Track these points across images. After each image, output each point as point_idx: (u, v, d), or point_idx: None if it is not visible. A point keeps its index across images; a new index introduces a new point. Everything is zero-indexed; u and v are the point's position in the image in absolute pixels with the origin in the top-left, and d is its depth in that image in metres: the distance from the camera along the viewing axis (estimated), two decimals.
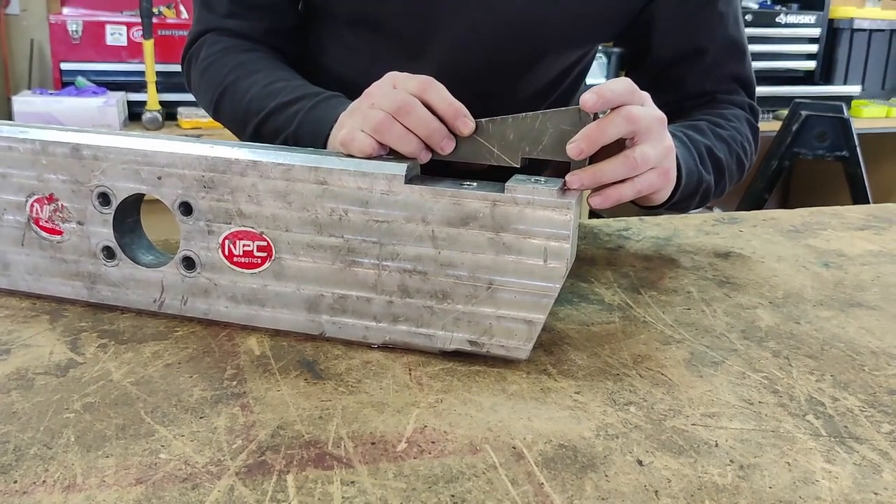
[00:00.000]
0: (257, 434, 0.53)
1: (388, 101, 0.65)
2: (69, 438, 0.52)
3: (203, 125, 2.44)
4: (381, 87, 0.69)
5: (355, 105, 0.73)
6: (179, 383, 0.60)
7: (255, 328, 0.69)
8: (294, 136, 0.82)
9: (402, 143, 0.64)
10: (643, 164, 0.67)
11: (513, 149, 0.64)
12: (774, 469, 0.52)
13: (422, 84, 0.65)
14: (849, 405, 0.61)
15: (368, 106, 0.67)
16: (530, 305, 0.62)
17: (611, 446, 0.53)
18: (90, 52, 2.50)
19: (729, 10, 0.95)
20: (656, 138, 0.69)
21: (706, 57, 0.94)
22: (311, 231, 0.65)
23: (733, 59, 0.96)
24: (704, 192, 0.87)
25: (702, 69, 0.95)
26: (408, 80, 0.66)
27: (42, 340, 0.66)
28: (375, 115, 0.65)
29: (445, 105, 0.64)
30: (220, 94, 0.92)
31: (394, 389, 0.60)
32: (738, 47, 0.96)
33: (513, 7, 0.89)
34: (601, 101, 0.63)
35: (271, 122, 0.85)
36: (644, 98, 0.69)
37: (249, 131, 0.88)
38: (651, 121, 0.68)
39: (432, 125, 0.64)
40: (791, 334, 0.73)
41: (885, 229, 1.10)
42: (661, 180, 0.71)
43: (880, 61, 3.22)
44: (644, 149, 0.67)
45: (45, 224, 0.71)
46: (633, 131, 0.66)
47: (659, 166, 0.70)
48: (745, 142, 0.93)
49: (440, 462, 0.51)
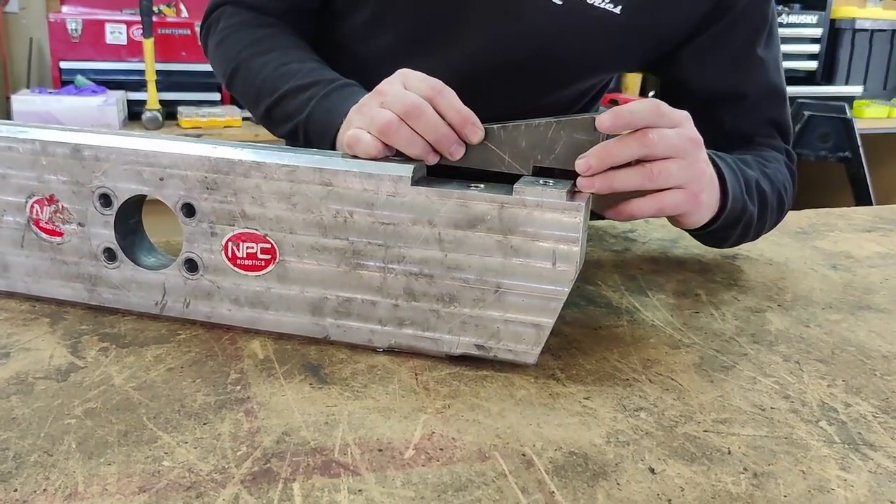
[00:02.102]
0: (262, 441, 0.52)
1: (398, 103, 0.63)
2: (70, 445, 0.51)
3: (203, 124, 2.42)
4: (391, 85, 0.67)
5: (365, 101, 0.71)
6: (182, 388, 0.59)
7: (259, 331, 0.68)
8: (305, 125, 0.80)
9: (408, 146, 0.63)
10: (662, 178, 0.65)
11: (524, 156, 0.63)
12: (789, 477, 0.51)
13: (432, 88, 0.64)
14: (861, 411, 0.60)
15: (378, 105, 0.65)
16: (539, 309, 0.61)
17: (622, 453, 0.53)
18: (90, 50, 2.48)
19: (769, 55, 0.92)
20: (686, 158, 0.66)
21: (745, 101, 0.92)
22: (316, 233, 0.64)
23: (773, 104, 0.94)
24: (746, 224, 0.83)
25: (741, 112, 0.92)
26: (419, 82, 0.65)
27: (42, 344, 0.65)
28: (383, 116, 0.63)
29: (453, 112, 0.63)
30: (234, 70, 0.90)
31: (400, 394, 0.59)
32: (777, 93, 0.94)
33: (542, 28, 0.86)
34: (619, 124, 0.62)
35: (283, 106, 0.83)
36: (678, 120, 0.66)
37: (261, 111, 0.86)
38: (681, 142, 0.65)
39: (441, 130, 0.63)
40: (801, 338, 0.72)
41: (892, 231, 1.09)
42: (690, 202, 0.68)
43: (882, 61, 3.21)
44: (666, 165, 0.65)
45: (46, 225, 0.70)
46: (650, 154, 0.64)
47: (687, 187, 0.67)
48: (786, 182, 0.90)
49: (449, 470, 0.50)
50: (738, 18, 0.89)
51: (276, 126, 0.86)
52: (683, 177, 0.67)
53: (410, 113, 0.63)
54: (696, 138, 0.67)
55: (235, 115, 2.47)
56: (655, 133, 0.64)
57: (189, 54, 2.54)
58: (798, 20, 3.06)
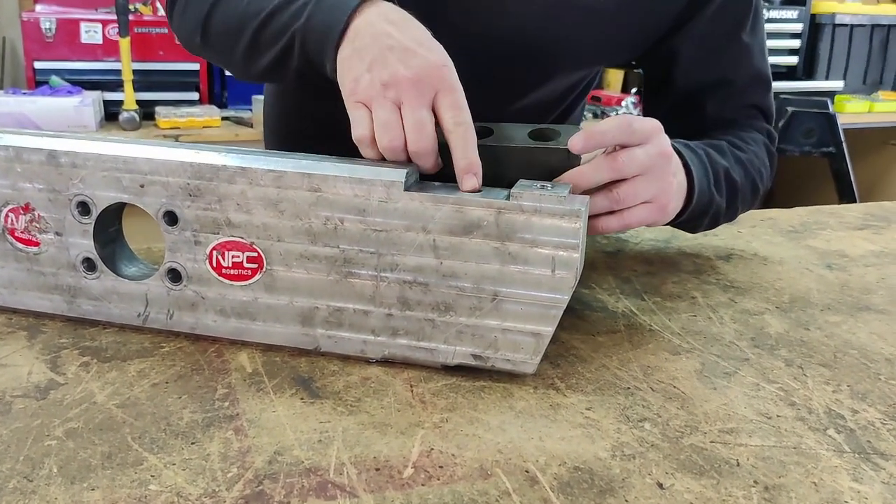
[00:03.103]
0: (253, 461, 0.50)
1: (412, 137, 0.61)
2: (51, 469, 0.48)
3: (181, 125, 2.38)
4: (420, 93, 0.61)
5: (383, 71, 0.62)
6: (168, 405, 0.56)
7: (246, 343, 0.65)
8: (303, 30, 0.71)
9: (393, 158, 0.63)
10: (629, 199, 0.68)
11: (500, 176, 0.63)
12: (801, 490, 0.49)
13: (457, 127, 0.61)
14: (869, 417, 0.58)
15: (393, 100, 0.61)
16: (538, 317, 0.59)
17: (628, 468, 0.51)
18: (64, 50, 2.43)
19: (754, 41, 0.91)
20: (654, 177, 0.69)
21: (730, 88, 0.91)
22: (305, 241, 0.61)
23: (758, 90, 0.93)
24: (714, 216, 0.84)
25: (725, 99, 0.92)
26: (447, 110, 0.62)
27: (19, 359, 0.62)
28: (393, 142, 0.61)
29: (464, 161, 0.61)
30: (209, 12, 0.81)
31: (396, 408, 0.57)
32: (762, 79, 0.93)
33: (528, 21, 0.85)
34: (590, 145, 0.65)
35: (274, 23, 0.74)
36: (649, 133, 0.68)
37: (245, 40, 0.77)
38: (650, 160, 0.68)
39: (430, 161, 0.62)
40: (802, 341, 0.71)
41: (884, 228, 1.08)
42: (656, 215, 0.71)
43: (861, 56, 3.22)
44: (633, 186, 0.68)
45: (21, 235, 0.67)
46: (619, 177, 0.67)
47: (654, 201, 0.70)
48: (761, 167, 0.90)
49: (450, 489, 0.48)
50: (724, 3, 0.88)
51: (262, 54, 0.77)
52: (651, 192, 0.69)
53: (417, 154, 0.61)
54: (665, 152, 0.69)
55: (214, 115, 2.43)
56: (625, 155, 0.66)
57: (167, 53, 2.50)
58: (779, 15, 3.06)
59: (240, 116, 2.49)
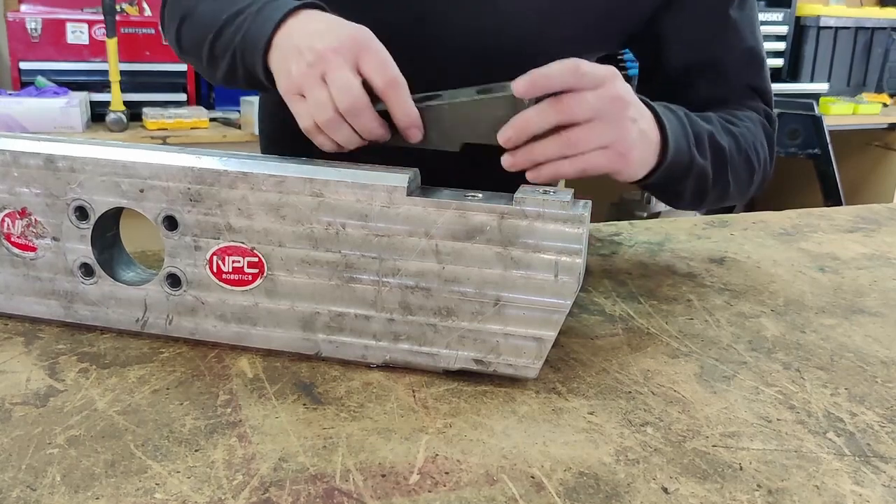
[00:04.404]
0: (258, 468, 0.50)
1: (341, 97, 0.62)
2: (55, 478, 0.48)
3: (169, 126, 2.36)
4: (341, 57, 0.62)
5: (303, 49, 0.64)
6: (170, 411, 0.56)
7: (246, 348, 0.65)
8: (241, 45, 0.71)
9: (346, 143, 0.65)
10: (582, 144, 0.63)
11: (450, 134, 0.64)
12: (804, 493, 0.50)
13: (387, 83, 0.62)
14: (868, 420, 0.59)
15: (319, 76, 0.63)
16: (540, 322, 0.59)
17: (633, 472, 0.51)
18: (50, 50, 2.41)
19: (743, 17, 0.88)
20: (608, 122, 0.64)
21: (721, 67, 0.89)
22: (306, 246, 0.61)
23: (750, 69, 0.90)
24: (699, 179, 0.79)
25: (717, 79, 0.89)
26: (375, 70, 0.63)
27: (17, 366, 0.62)
28: (324, 113, 0.63)
29: (402, 115, 0.63)
30: (182, 21, 0.82)
31: (399, 414, 0.57)
32: (755, 57, 0.90)
33: (511, 16, 0.84)
34: (532, 88, 0.61)
35: (223, 37, 0.75)
36: (601, 78, 0.63)
37: (205, 54, 0.78)
38: (601, 103, 0.63)
39: (376, 132, 0.64)
40: (798, 344, 0.71)
41: (874, 231, 1.09)
42: (616, 163, 0.66)
43: (845, 59, 3.24)
44: (585, 131, 0.63)
45: (18, 240, 0.66)
46: (568, 121, 0.62)
47: (611, 147, 0.65)
48: (756, 143, 0.86)
49: (457, 495, 0.48)
50: None
51: (218, 66, 0.77)
52: (607, 138, 0.64)
53: (350, 112, 0.62)
54: (618, 96, 0.65)
55: (202, 116, 2.42)
56: (573, 98, 0.62)
57: (154, 54, 2.48)
58: (763, 18, 3.08)
59: (227, 118, 2.48)
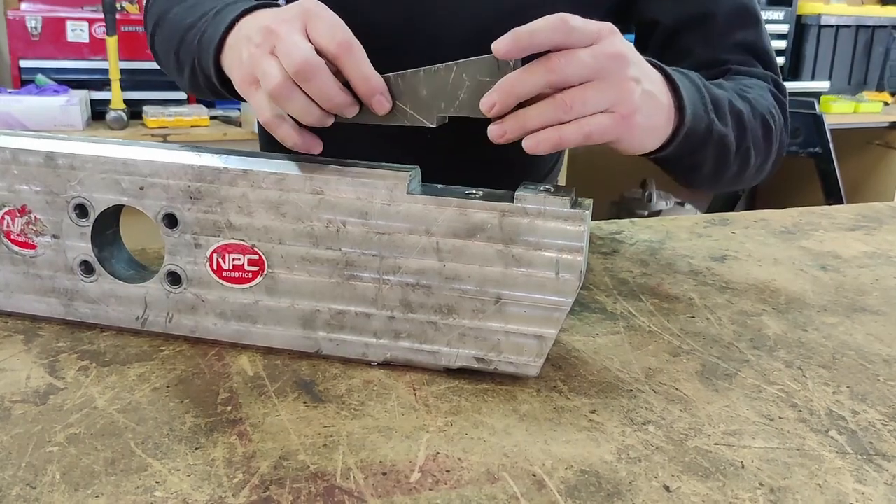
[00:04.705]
0: (259, 466, 0.50)
1: (290, 59, 0.55)
2: (54, 476, 0.48)
3: (169, 124, 2.37)
4: (289, 26, 0.57)
5: (254, 36, 0.60)
6: (170, 409, 0.56)
7: (246, 346, 0.65)
8: (198, 51, 0.69)
9: (303, 115, 0.58)
10: (579, 107, 0.56)
11: (427, 106, 0.58)
12: (806, 492, 0.49)
13: (339, 45, 0.56)
14: (870, 419, 0.59)
15: (267, 52, 0.57)
16: (541, 320, 0.59)
17: (634, 471, 0.51)
18: (50, 48, 2.41)
19: None
20: (606, 79, 0.57)
21: (713, 22, 0.85)
22: (307, 244, 0.61)
23: (744, 25, 0.86)
24: (721, 148, 0.73)
25: (710, 36, 0.85)
26: (324, 33, 0.56)
27: (17, 364, 0.61)
28: (272, 77, 0.56)
29: (361, 80, 0.57)
30: (154, 28, 0.82)
31: (399, 412, 0.57)
32: (748, 12, 0.87)
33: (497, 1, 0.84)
34: (516, 48, 0.54)
35: (184, 45, 0.73)
36: (594, 34, 0.57)
37: (173, 61, 0.76)
38: (597, 61, 0.56)
39: (336, 99, 0.57)
40: (800, 343, 0.71)
41: (875, 229, 1.09)
42: (620, 126, 0.58)
43: (846, 57, 3.24)
44: (582, 91, 0.56)
45: (17, 238, 0.66)
46: (561, 82, 0.56)
47: (614, 110, 0.58)
48: (771, 108, 0.81)
49: (458, 493, 0.48)
50: None
51: (183, 73, 0.76)
52: (607, 100, 0.58)
53: (301, 73, 0.55)
54: (617, 52, 0.58)
55: (202, 115, 2.42)
56: (563, 56, 0.56)
57: None
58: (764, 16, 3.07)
59: (228, 116, 2.48)
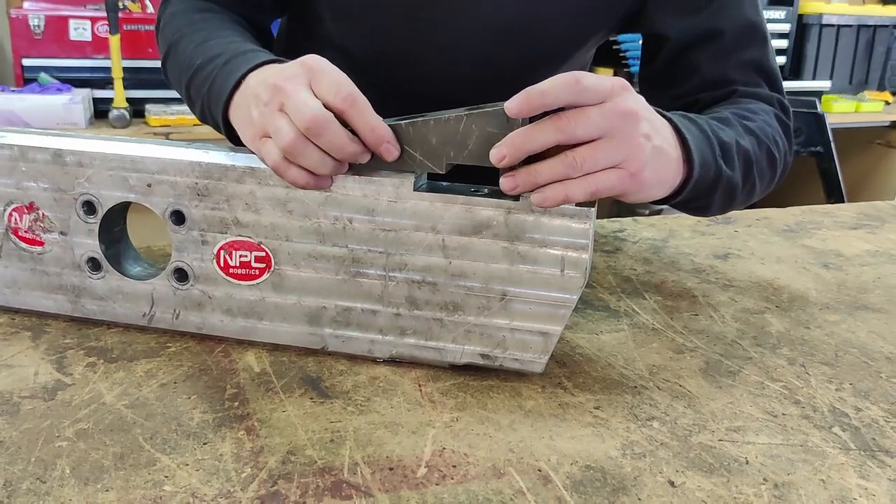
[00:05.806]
0: (267, 461, 0.50)
1: (300, 116, 0.57)
2: (64, 470, 0.48)
3: (171, 122, 2.37)
4: (295, 85, 0.59)
5: (263, 96, 0.61)
6: (178, 405, 0.56)
7: (253, 343, 0.65)
8: (207, 96, 0.71)
9: (318, 167, 0.59)
10: (588, 164, 0.57)
11: (436, 154, 0.59)
12: (810, 487, 0.50)
13: (344, 99, 0.58)
14: (873, 415, 0.59)
15: (277, 111, 0.59)
16: (546, 317, 0.59)
17: (639, 466, 0.51)
18: (53, 47, 2.41)
19: None
20: (615, 136, 0.58)
21: (721, 39, 0.85)
22: (314, 241, 0.61)
23: (752, 43, 0.86)
24: (728, 191, 0.74)
25: (718, 53, 0.85)
26: (329, 88, 0.58)
27: (25, 360, 0.62)
28: (284, 136, 0.58)
29: (367, 131, 0.58)
30: (166, 54, 0.84)
31: (405, 408, 0.57)
32: (756, 31, 0.87)
33: (504, 15, 0.84)
34: (527, 107, 0.56)
35: (195, 83, 0.75)
36: (605, 92, 0.58)
37: (184, 94, 0.79)
38: (606, 120, 0.57)
39: (347, 149, 0.58)
40: (803, 340, 0.72)
41: (878, 228, 1.09)
42: (627, 182, 0.59)
43: (848, 56, 3.24)
44: (592, 150, 0.57)
45: (25, 234, 0.66)
46: (569, 140, 0.57)
47: (623, 167, 0.59)
48: (776, 136, 0.82)
49: (464, 488, 0.48)
50: None
51: (193, 106, 0.78)
52: (616, 157, 0.58)
53: (312, 129, 0.57)
54: (628, 110, 0.58)
55: None
56: (573, 116, 0.57)
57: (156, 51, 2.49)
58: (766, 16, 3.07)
59: None
